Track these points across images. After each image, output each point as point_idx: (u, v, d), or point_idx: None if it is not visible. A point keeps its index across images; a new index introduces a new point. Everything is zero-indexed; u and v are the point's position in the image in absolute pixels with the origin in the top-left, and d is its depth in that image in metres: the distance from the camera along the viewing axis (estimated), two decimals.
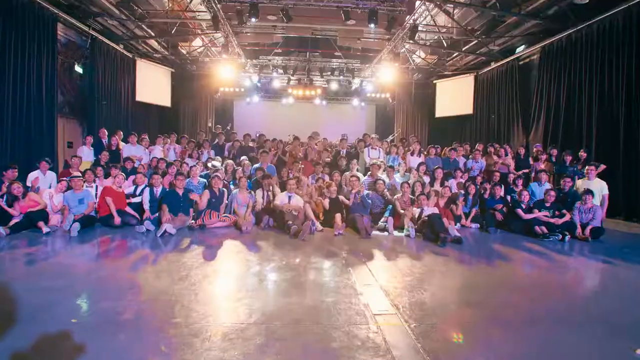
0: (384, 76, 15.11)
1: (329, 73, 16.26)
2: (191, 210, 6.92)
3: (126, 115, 13.22)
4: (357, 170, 8.26)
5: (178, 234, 6.20)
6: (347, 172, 8.12)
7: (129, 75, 13.39)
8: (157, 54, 14.10)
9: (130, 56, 13.40)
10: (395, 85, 15.95)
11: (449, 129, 15.06)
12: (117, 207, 6.69)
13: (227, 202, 7.20)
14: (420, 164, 8.36)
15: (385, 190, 7.53)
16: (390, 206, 7.28)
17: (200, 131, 12.11)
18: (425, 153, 9.20)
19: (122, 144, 9.17)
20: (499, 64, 13.03)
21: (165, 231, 6.01)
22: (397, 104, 16.49)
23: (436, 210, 6.89)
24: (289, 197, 6.88)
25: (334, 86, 17.26)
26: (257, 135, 11.40)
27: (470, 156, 9.12)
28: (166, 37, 13.13)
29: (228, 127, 13.13)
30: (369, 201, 7.25)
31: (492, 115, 13.01)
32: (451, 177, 8.35)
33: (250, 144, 10.06)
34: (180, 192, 6.77)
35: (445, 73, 14.81)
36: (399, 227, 6.92)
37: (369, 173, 8.12)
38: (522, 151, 9.08)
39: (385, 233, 6.76)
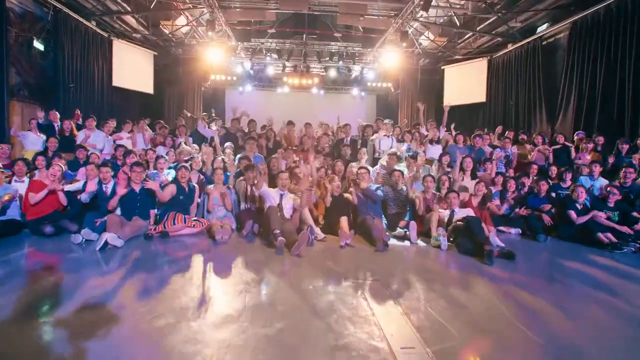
0: (388, 61, 13.24)
1: (328, 58, 14.36)
2: (153, 212, 5.09)
3: (101, 102, 11.26)
4: (366, 161, 6.44)
5: (128, 245, 4.36)
6: (354, 164, 6.32)
7: (104, 57, 11.41)
8: (137, 34, 12.13)
9: (106, 35, 11.42)
10: (400, 71, 14.07)
11: (459, 118, 13.20)
12: (51, 209, 4.86)
13: (199, 201, 5.38)
14: (443, 154, 6.55)
15: (404, 184, 5.70)
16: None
17: (180, 116, 10.23)
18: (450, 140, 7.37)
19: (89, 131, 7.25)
20: (517, 45, 11.19)
21: (106, 243, 4.16)
22: (401, 91, 14.61)
23: (471, 213, 5.10)
24: (281, 196, 5.06)
25: (332, 74, 15.35)
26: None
27: (499, 144, 7.33)
28: (144, 13, 11.18)
29: (213, 114, 11.17)
30: (380, 193, 5.43)
31: (511, 102, 11.19)
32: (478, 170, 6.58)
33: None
34: (137, 188, 4.93)
35: (456, 57, 12.95)
36: (422, 234, 5.15)
37: (380, 164, 6.30)
38: (560, 139, 7.29)
39: (406, 243, 4.96)
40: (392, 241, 4.90)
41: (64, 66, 9.71)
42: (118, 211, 4.84)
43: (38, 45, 9.38)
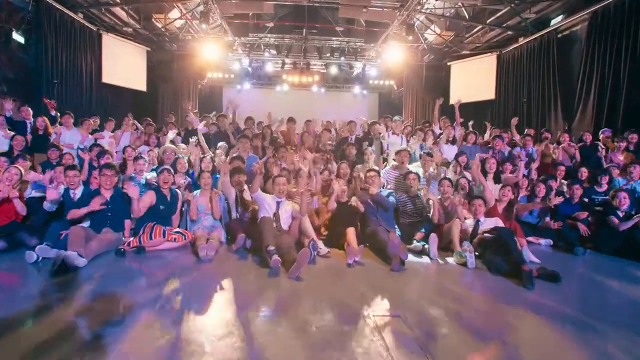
0: (392, 57, 12.43)
1: (329, 54, 13.55)
2: (128, 222, 4.27)
3: (89, 99, 10.45)
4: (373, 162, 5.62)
5: (93, 265, 3.55)
6: (360, 165, 5.51)
7: (93, 52, 10.59)
8: (128, 28, 11.30)
9: (95, 29, 10.61)
10: (404, 67, 13.24)
11: (466, 116, 12.39)
12: (7, 220, 4.05)
13: (184, 209, 4.57)
14: (459, 154, 5.74)
15: (420, 188, 4.88)
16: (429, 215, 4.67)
17: (169, 112, 9.42)
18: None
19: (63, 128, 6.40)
20: (529, 39, 10.37)
21: (63, 263, 3.34)
22: (405, 89, 13.77)
23: (499, 223, 4.29)
24: (277, 204, 4.25)
25: (333, 71, 14.51)
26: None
27: (518, 142, 6.51)
28: (135, 5, 10.37)
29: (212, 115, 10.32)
30: (392, 200, 4.62)
31: (524, 99, 10.37)
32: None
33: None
34: (108, 194, 4.13)
35: (463, 53, 12.13)
36: (441, 248, 4.33)
37: (390, 164, 5.47)
38: (588, 138, 6.48)
39: (425, 259, 4.15)
40: (409, 257, 4.08)
41: (47, 60, 8.90)
42: (87, 222, 4.04)
43: (18, 37, 8.57)
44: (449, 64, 12.79)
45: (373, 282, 3.42)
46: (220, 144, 6.00)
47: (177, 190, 4.53)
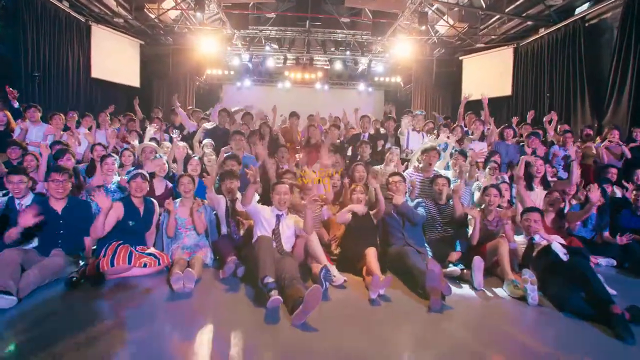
0: (400, 52, 11.40)
1: (333, 49, 12.55)
2: (89, 242, 3.28)
3: (76, 95, 9.48)
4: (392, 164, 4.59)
5: (30, 302, 2.57)
6: (379, 167, 4.50)
7: (81, 45, 9.59)
8: (119, 19, 10.30)
9: (83, 20, 9.63)
10: (412, 63, 12.20)
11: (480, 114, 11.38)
12: None
13: (162, 221, 3.57)
14: (492, 153, 4.72)
15: (452, 195, 3.85)
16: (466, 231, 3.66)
17: (156, 107, 8.46)
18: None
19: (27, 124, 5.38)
20: (551, 29, 9.34)
21: None
22: (414, 85, 12.72)
23: (560, 240, 3.28)
24: (278, 218, 3.26)
25: (337, 66, 13.49)
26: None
27: (553, 138, 5.50)
28: None
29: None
30: (422, 211, 3.62)
31: (547, 95, 9.35)
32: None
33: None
34: (60, 206, 3.13)
35: (477, 46, 11.08)
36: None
37: (414, 165, 4.44)
38: (638, 134, 5.47)
39: (465, 288, 3.14)
40: None
41: (26, 52, 7.88)
42: (33, 242, 3.06)
43: None
44: (460, 58, 11.75)
45: (407, 328, 2.44)
46: (205, 140, 4.99)
47: (153, 199, 3.53)
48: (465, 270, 3.24)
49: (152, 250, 3.26)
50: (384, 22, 10.93)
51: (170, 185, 4.08)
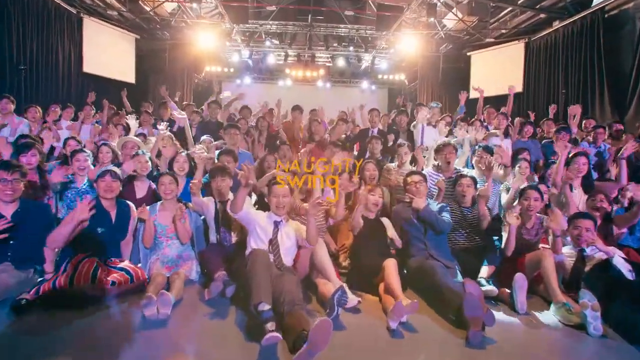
0: (405, 47, 10.83)
1: (335, 44, 11.96)
2: (50, 254, 2.68)
3: (67, 90, 8.90)
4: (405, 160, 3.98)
5: None
6: (392, 165, 3.91)
7: (72, 38, 8.99)
8: (112, 11, 9.72)
9: (74, 12, 9.05)
10: (418, 59, 11.61)
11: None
12: None
13: (139, 227, 2.97)
14: (520, 150, 4.12)
15: (479, 197, 3.24)
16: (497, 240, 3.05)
17: (146, 102, 7.89)
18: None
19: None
20: (566, 22, 8.74)
21: None
22: (420, 82, 12.12)
23: (618, 252, 2.68)
24: (276, 226, 2.65)
25: (340, 63, 12.91)
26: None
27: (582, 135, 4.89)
28: None
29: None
30: (447, 218, 3.01)
31: (563, 91, 8.74)
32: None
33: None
34: (10, 210, 2.54)
35: (487, 41, 10.49)
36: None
37: (432, 164, 3.82)
38: None
39: (505, 312, 2.54)
40: None
41: (10, 44, 7.29)
42: None
43: None
44: (468, 54, 11.17)
45: None
46: (204, 137, 4.39)
47: (129, 203, 2.93)
48: (502, 289, 2.64)
49: (125, 263, 2.66)
50: (389, 16, 10.32)
51: (154, 186, 3.48)
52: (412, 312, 2.23)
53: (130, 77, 10.66)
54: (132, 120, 4.38)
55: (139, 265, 2.78)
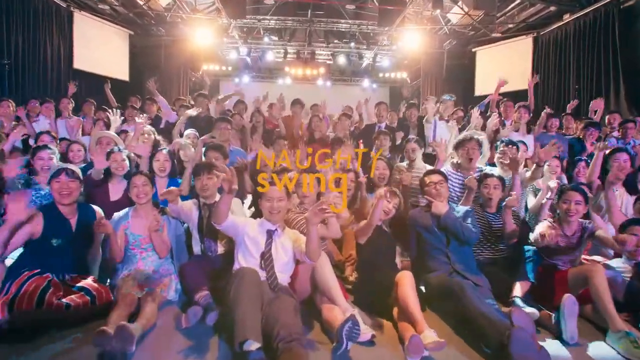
0: (408, 43, 10.34)
1: (336, 40, 11.48)
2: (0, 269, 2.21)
3: (56, 87, 8.41)
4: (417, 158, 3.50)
5: None
6: (403, 164, 3.42)
7: (61, 33, 8.51)
8: (104, 5, 9.24)
9: (64, 6, 8.57)
10: (421, 55, 11.14)
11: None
12: None
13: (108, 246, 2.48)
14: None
15: (507, 202, 2.73)
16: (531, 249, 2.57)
17: (133, 97, 7.40)
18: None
19: None
20: (577, 14, 8.28)
21: None
22: (423, 79, 11.65)
23: None
24: (270, 235, 2.15)
25: (340, 61, 12.40)
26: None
27: (614, 134, 4.41)
28: None
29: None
30: (473, 225, 2.52)
31: (575, 87, 8.26)
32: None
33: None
34: None
35: (493, 36, 10.02)
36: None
37: (451, 162, 3.30)
38: None
39: (549, 341, 2.06)
40: None
41: None
42: None
43: None
44: (473, 50, 10.69)
45: None
46: (188, 131, 3.90)
47: (97, 208, 2.45)
48: (544, 312, 2.15)
49: (88, 281, 2.17)
50: (392, 10, 9.81)
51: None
52: (437, 350, 1.73)
53: (123, 74, 10.16)
54: (114, 116, 3.91)
55: (109, 282, 2.29)
